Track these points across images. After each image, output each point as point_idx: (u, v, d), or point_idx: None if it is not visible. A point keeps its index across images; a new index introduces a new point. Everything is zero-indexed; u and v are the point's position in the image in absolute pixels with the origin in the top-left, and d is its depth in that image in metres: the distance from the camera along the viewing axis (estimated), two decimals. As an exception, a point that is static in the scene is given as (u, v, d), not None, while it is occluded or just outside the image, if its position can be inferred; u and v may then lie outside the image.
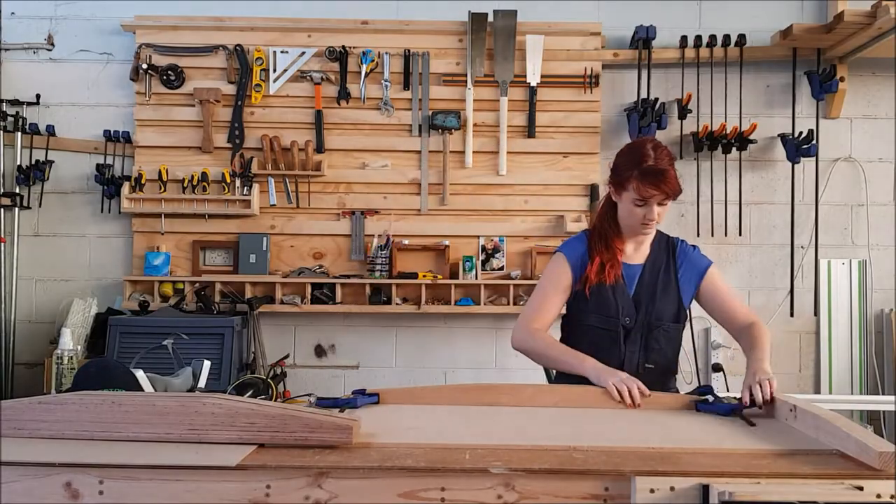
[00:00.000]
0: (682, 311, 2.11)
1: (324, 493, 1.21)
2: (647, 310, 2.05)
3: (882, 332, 3.66)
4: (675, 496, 1.18)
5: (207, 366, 2.11)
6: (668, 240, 2.15)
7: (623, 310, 2.05)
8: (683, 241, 2.17)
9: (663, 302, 2.07)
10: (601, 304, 2.06)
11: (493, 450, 1.32)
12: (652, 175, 1.94)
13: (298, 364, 3.67)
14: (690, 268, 2.12)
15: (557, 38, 3.61)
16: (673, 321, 2.08)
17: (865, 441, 1.25)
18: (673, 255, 2.12)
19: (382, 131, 3.62)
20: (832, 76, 3.49)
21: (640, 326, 2.04)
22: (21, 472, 1.22)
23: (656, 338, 2.05)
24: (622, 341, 2.04)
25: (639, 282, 2.08)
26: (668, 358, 2.10)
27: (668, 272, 2.10)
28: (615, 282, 2.05)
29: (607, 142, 3.67)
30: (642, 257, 2.11)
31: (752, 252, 3.70)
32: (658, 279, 2.08)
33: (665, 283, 2.08)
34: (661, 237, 2.15)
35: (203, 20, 3.62)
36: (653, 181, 1.95)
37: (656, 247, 2.13)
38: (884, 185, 3.70)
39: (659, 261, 2.10)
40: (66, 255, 3.68)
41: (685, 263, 2.12)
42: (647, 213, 1.99)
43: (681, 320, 2.11)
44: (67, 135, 3.68)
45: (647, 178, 1.95)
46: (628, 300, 2.06)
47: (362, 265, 3.59)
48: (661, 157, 1.97)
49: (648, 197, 1.96)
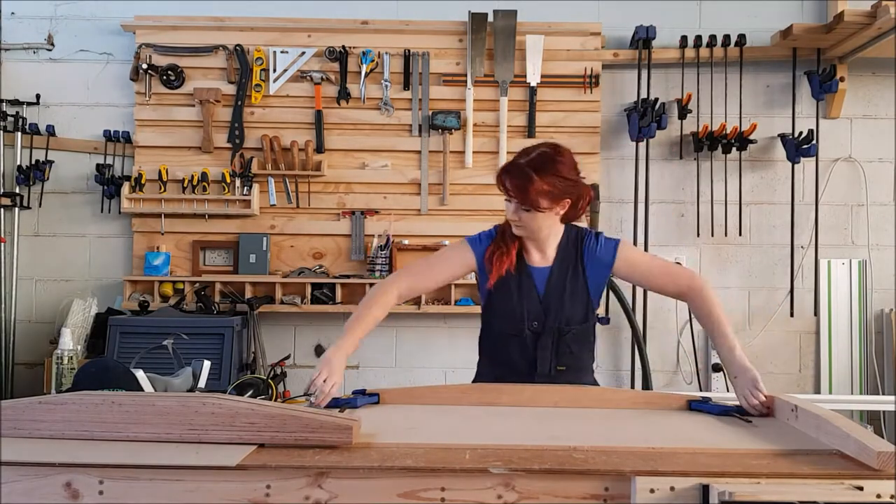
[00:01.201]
0: (590, 310, 2.07)
1: (324, 493, 1.21)
2: (556, 314, 2.01)
3: (882, 332, 3.66)
4: (675, 496, 1.18)
5: (207, 366, 2.11)
6: (577, 234, 2.08)
7: (530, 315, 2.01)
8: (590, 233, 2.08)
9: (572, 305, 2.02)
10: (508, 310, 2.03)
11: (493, 450, 1.32)
12: (507, 172, 1.93)
13: (298, 364, 3.67)
14: (597, 260, 2.04)
15: (557, 38, 3.61)
16: (582, 321, 2.04)
17: (865, 441, 1.25)
18: (580, 252, 2.05)
19: (382, 131, 3.62)
20: (832, 76, 3.49)
21: (549, 332, 2.00)
22: (21, 472, 1.22)
23: (567, 342, 2.01)
24: (532, 346, 2.01)
25: (547, 285, 2.03)
26: (580, 358, 2.07)
27: (577, 271, 2.04)
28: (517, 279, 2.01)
29: (607, 142, 3.68)
30: (549, 260, 2.05)
31: (752, 252, 3.70)
32: (566, 281, 2.03)
33: (573, 284, 2.03)
34: (571, 231, 2.08)
35: (203, 20, 3.62)
36: (507, 175, 1.93)
37: (564, 246, 2.06)
38: (884, 185, 3.70)
39: (566, 261, 2.05)
40: (66, 255, 3.68)
41: (591, 258, 2.05)
42: (509, 210, 1.96)
43: (589, 318, 2.07)
44: (67, 135, 3.68)
45: (505, 173, 1.94)
46: (536, 305, 2.02)
47: (362, 265, 3.59)
48: (533, 159, 1.92)
49: (504, 192, 1.95)
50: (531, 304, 2.02)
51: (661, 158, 3.69)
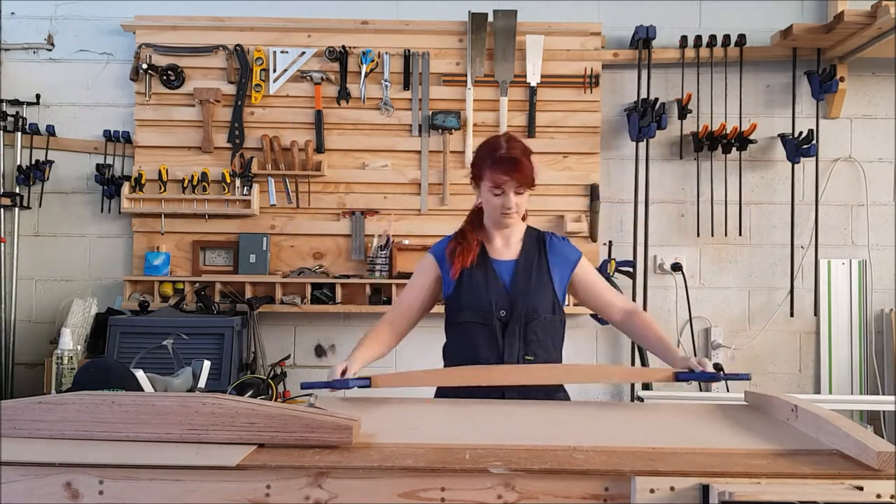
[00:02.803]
0: (557, 303, 2.15)
1: (324, 493, 1.21)
2: (522, 302, 2.08)
3: (882, 332, 3.66)
4: (675, 496, 1.18)
5: (207, 366, 2.11)
6: (538, 234, 2.20)
7: (497, 303, 2.08)
8: (553, 234, 2.21)
9: (538, 294, 2.10)
10: (475, 300, 2.10)
11: (493, 450, 1.32)
12: (503, 163, 2.03)
13: (298, 364, 3.67)
14: (562, 260, 2.15)
15: (557, 38, 3.61)
16: (549, 312, 2.12)
17: (865, 441, 1.25)
18: (544, 248, 2.16)
19: (382, 131, 3.62)
20: (832, 76, 3.49)
21: (517, 319, 2.07)
22: (21, 472, 1.22)
23: (534, 329, 2.08)
24: (500, 335, 2.07)
25: (513, 276, 2.12)
26: (547, 349, 2.11)
27: (541, 264, 2.14)
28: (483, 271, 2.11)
29: (607, 142, 3.68)
30: (514, 253, 2.15)
31: (752, 252, 3.70)
32: (532, 272, 2.12)
33: (539, 276, 2.12)
34: (532, 232, 2.20)
35: (203, 20, 3.62)
36: (504, 168, 2.02)
37: (527, 241, 2.17)
38: (884, 185, 3.70)
39: (531, 254, 2.14)
40: (66, 255, 3.68)
41: (556, 256, 2.15)
42: (504, 202, 2.06)
43: (557, 312, 2.14)
44: (67, 135, 3.68)
45: (499, 165, 2.03)
46: (503, 294, 2.09)
47: (362, 265, 3.59)
48: (514, 148, 2.06)
49: (502, 184, 2.04)
50: (498, 294, 2.09)
51: (661, 158, 3.69)
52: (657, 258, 3.67)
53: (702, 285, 3.69)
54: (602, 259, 3.52)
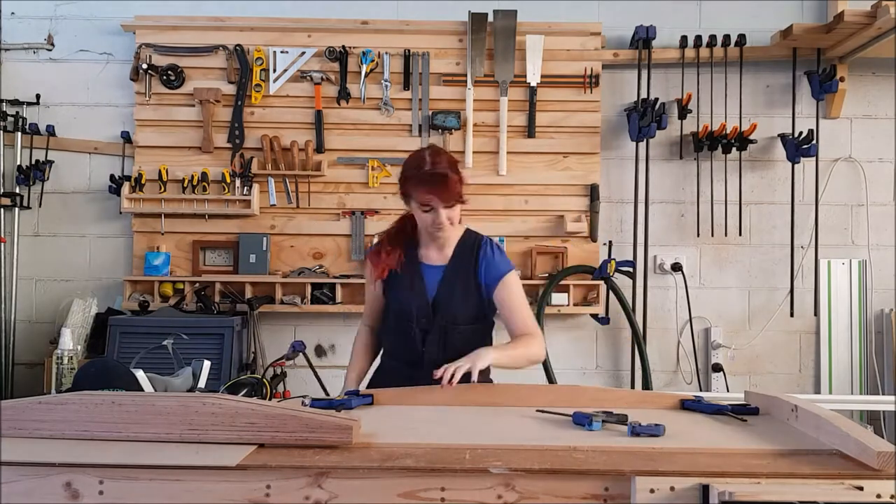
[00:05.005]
0: (481, 312, 2.14)
1: (324, 493, 1.21)
2: (444, 312, 2.08)
3: (882, 332, 3.66)
4: (675, 496, 1.18)
5: (207, 366, 2.11)
6: (474, 240, 2.16)
7: (419, 312, 2.09)
8: (488, 242, 2.16)
9: (462, 304, 2.10)
10: (398, 307, 2.13)
11: (493, 450, 1.32)
12: (429, 180, 1.99)
13: (298, 364, 3.66)
14: (490, 271, 2.12)
15: (557, 38, 3.61)
16: (470, 322, 2.11)
17: (865, 441, 1.25)
18: (476, 255, 2.13)
19: (382, 131, 3.62)
20: (832, 76, 3.49)
21: (436, 329, 2.08)
22: (21, 472, 1.22)
23: (454, 340, 2.08)
24: (420, 342, 2.09)
25: (440, 284, 2.11)
26: None
27: (469, 273, 2.12)
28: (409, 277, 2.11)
29: (607, 142, 3.68)
30: (445, 258, 2.14)
31: (752, 252, 3.70)
32: (458, 280, 2.11)
33: (466, 284, 2.11)
34: (470, 236, 2.17)
35: (203, 20, 3.62)
36: (429, 187, 1.99)
37: (461, 247, 2.15)
38: (884, 185, 3.70)
39: (462, 261, 2.13)
40: (66, 255, 3.68)
41: (486, 265, 2.12)
42: (434, 218, 2.03)
43: (479, 321, 2.14)
44: (67, 135, 3.68)
45: (425, 184, 2.00)
46: (425, 303, 2.10)
47: (362, 265, 3.59)
48: (438, 163, 2.01)
49: (429, 201, 2.00)
50: (420, 302, 2.10)
51: (661, 158, 3.69)
52: (657, 258, 3.67)
53: (702, 285, 3.69)
54: (602, 259, 3.52)
